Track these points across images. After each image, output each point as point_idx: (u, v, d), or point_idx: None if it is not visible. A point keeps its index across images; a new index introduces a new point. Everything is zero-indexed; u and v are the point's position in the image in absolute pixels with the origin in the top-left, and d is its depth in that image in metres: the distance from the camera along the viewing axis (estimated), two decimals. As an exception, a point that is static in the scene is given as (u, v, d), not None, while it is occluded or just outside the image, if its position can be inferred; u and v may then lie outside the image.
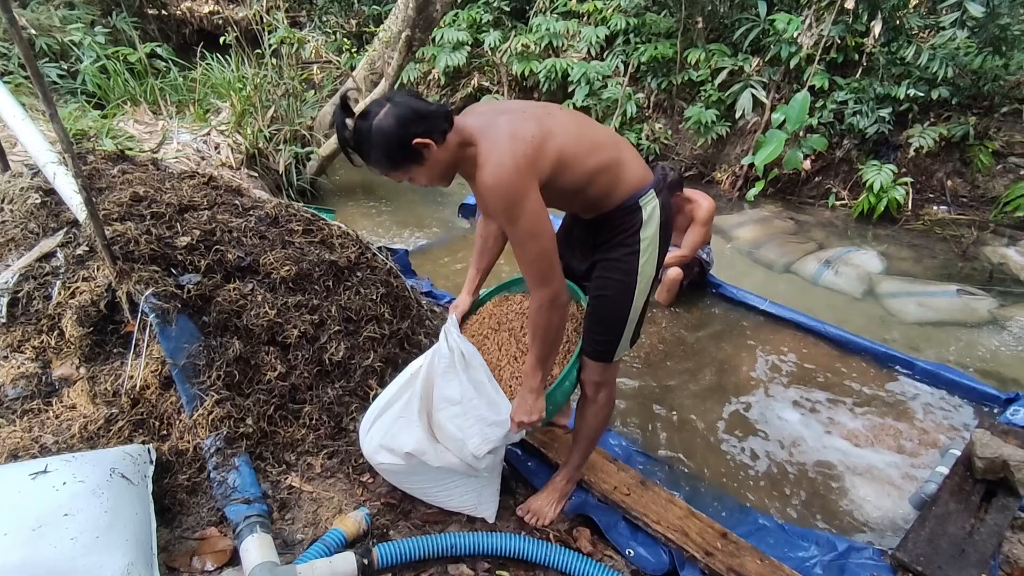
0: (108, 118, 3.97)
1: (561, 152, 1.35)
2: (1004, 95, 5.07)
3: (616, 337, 1.57)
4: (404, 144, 1.27)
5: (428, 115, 1.29)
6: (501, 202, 1.29)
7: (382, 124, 1.26)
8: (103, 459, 1.46)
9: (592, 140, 1.43)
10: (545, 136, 1.34)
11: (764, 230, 4.82)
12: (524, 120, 1.35)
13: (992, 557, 1.71)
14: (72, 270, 1.95)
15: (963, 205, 5.20)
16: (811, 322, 3.11)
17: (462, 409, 1.56)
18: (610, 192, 1.45)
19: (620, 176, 1.45)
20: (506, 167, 1.27)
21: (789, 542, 1.85)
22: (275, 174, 4.45)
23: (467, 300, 1.83)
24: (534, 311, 1.40)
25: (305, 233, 2.32)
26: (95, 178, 2.26)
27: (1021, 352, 3.33)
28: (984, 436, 1.98)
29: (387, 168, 1.34)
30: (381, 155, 1.30)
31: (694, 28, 5.75)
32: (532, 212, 1.30)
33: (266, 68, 4.54)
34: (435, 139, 1.29)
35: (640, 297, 1.54)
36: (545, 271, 1.35)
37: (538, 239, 1.32)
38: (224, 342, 1.87)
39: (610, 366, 1.63)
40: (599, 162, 1.41)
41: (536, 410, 1.48)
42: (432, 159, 1.32)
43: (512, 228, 1.32)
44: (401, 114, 1.26)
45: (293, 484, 1.75)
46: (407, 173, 1.35)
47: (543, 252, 1.33)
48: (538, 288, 1.37)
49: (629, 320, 1.55)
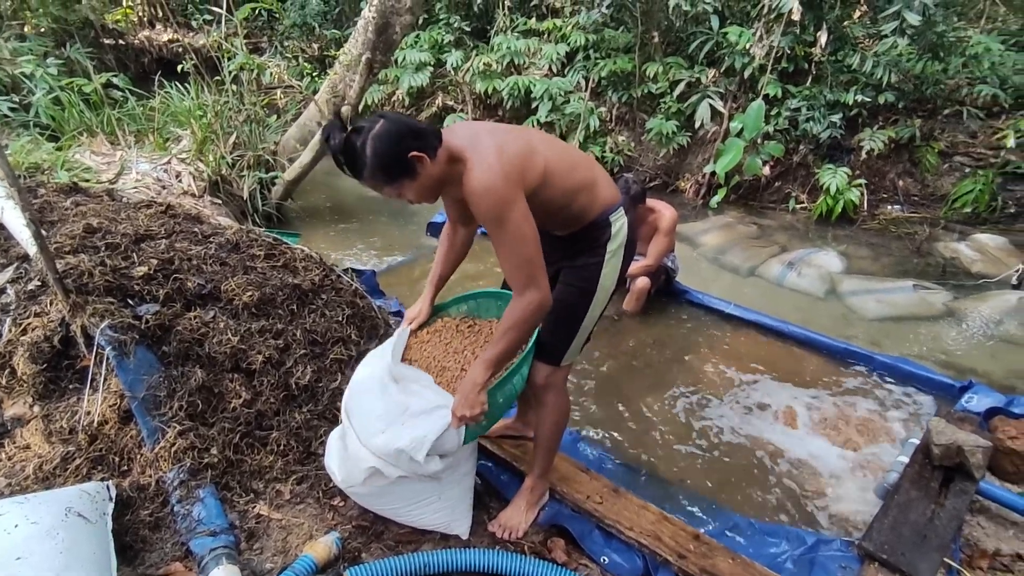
0: (63, 150, 3.89)
1: (546, 167, 1.42)
2: (945, 98, 5.32)
3: (567, 341, 1.63)
4: (400, 158, 1.30)
5: (421, 131, 1.33)
6: (491, 206, 1.32)
7: (378, 138, 1.28)
8: (58, 499, 1.42)
9: (571, 160, 1.52)
10: (531, 150, 1.40)
11: (728, 236, 4.93)
12: (508, 136, 1.41)
13: (953, 540, 1.77)
14: (23, 306, 1.90)
15: (915, 204, 5.41)
16: (774, 322, 3.19)
17: (390, 419, 1.53)
18: (587, 210, 1.54)
19: (595, 195, 1.54)
20: (496, 173, 1.31)
21: (760, 539, 1.87)
22: (239, 200, 4.40)
23: (427, 309, 1.83)
24: (517, 309, 1.40)
25: (267, 258, 2.31)
26: (46, 211, 2.22)
27: (975, 342, 3.46)
28: (940, 424, 2.04)
29: (381, 182, 1.35)
30: (376, 169, 1.31)
31: (651, 43, 5.91)
32: (520, 217, 1.34)
33: (227, 95, 4.52)
34: (428, 154, 1.33)
35: (597, 307, 1.61)
36: (531, 273, 1.37)
37: (525, 244, 1.35)
38: (186, 371, 1.84)
39: (558, 369, 1.67)
40: (578, 180, 1.50)
41: (478, 403, 1.45)
42: (424, 173, 1.34)
43: (500, 233, 1.34)
44: (396, 129, 1.30)
45: (261, 512, 1.71)
46: (398, 188, 1.37)
47: (530, 257, 1.36)
48: (524, 291, 1.39)
49: (583, 327, 1.62)
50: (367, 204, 5.46)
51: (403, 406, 1.52)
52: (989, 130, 5.19)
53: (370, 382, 1.61)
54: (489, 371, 1.45)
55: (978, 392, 2.52)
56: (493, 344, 1.45)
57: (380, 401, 1.55)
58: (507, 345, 1.43)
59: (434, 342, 1.78)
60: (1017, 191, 5.05)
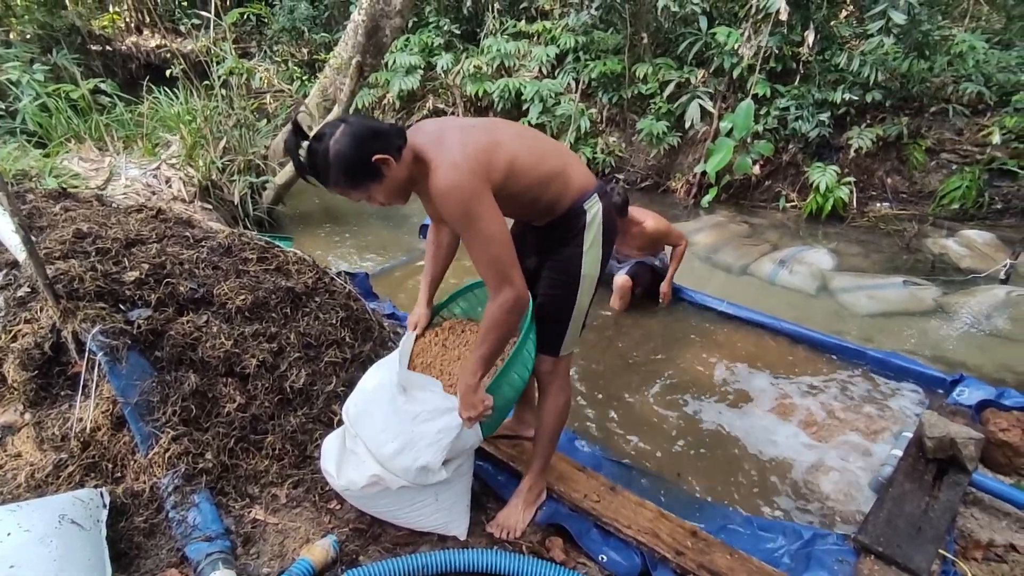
0: (50, 157, 3.86)
1: (512, 160, 1.40)
2: (931, 96, 5.38)
3: (561, 332, 1.63)
4: (364, 162, 1.28)
5: (384, 132, 1.31)
6: (457, 206, 1.30)
7: (340, 144, 1.27)
8: (51, 506, 1.40)
9: (540, 150, 1.49)
10: (495, 144, 1.39)
11: (720, 235, 4.96)
12: (473, 131, 1.39)
13: (947, 532, 1.78)
14: (13, 313, 1.88)
15: (903, 201, 5.47)
16: (767, 320, 3.20)
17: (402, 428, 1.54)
18: (560, 198, 1.52)
19: (568, 183, 1.53)
20: (460, 170, 1.29)
21: (757, 535, 1.88)
22: (230, 205, 4.38)
23: (426, 313, 1.83)
24: (494, 310, 1.39)
25: (260, 261, 2.30)
26: (35, 216, 2.20)
27: (965, 336, 3.50)
28: (932, 417, 2.06)
29: (346, 187, 1.34)
30: (340, 175, 1.30)
31: (640, 44, 5.94)
32: (487, 215, 1.32)
33: (216, 99, 4.50)
34: (392, 155, 1.31)
35: (584, 296, 1.61)
36: (504, 271, 1.36)
37: (495, 241, 1.33)
38: (179, 376, 1.83)
39: (559, 360, 1.68)
40: (548, 170, 1.48)
41: (479, 403, 1.46)
42: (391, 175, 1.33)
43: (469, 231, 1.33)
44: (358, 133, 1.28)
45: (257, 517, 1.70)
46: (365, 192, 1.36)
47: (500, 253, 1.35)
48: (499, 289, 1.38)
49: (574, 317, 1.63)
50: (359, 207, 5.44)
51: (411, 414, 1.54)
52: (975, 127, 5.26)
53: (379, 392, 1.61)
54: (478, 372, 1.45)
55: (969, 385, 2.54)
56: (477, 346, 1.45)
57: (390, 412, 1.55)
58: (491, 346, 1.43)
59: (438, 346, 1.78)
60: (1003, 187, 5.12)
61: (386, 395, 1.59)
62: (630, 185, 6.13)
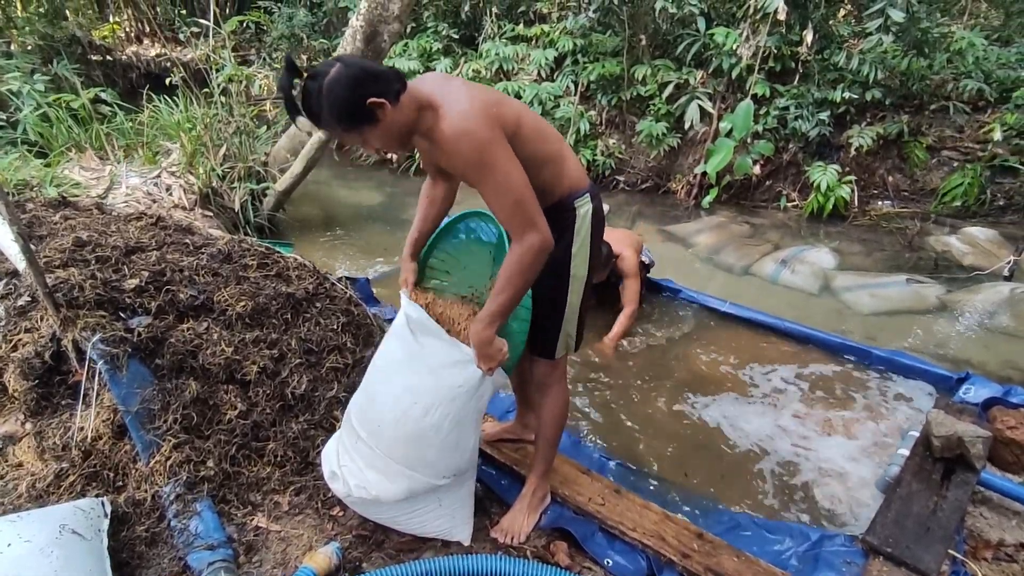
0: (51, 166, 3.87)
1: (519, 119, 1.36)
2: (931, 94, 5.37)
3: (555, 334, 1.61)
4: (358, 104, 1.23)
5: (381, 75, 1.26)
6: (471, 151, 1.25)
7: (334, 84, 1.21)
8: (52, 516, 1.39)
9: (543, 128, 1.47)
10: (502, 100, 1.37)
11: (721, 235, 4.95)
12: (478, 87, 1.37)
13: (956, 532, 1.76)
14: (13, 322, 1.88)
15: (905, 199, 5.45)
16: (770, 320, 3.19)
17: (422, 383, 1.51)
18: (553, 184, 1.47)
19: (562, 171, 1.49)
20: (473, 115, 1.25)
21: (764, 537, 1.86)
22: (231, 212, 4.38)
23: (413, 268, 1.70)
24: (518, 255, 1.31)
25: (260, 267, 2.29)
26: (35, 225, 2.20)
27: (969, 334, 3.48)
28: (939, 416, 2.04)
29: (340, 129, 1.29)
30: (333, 116, 1.25)
31: (639, 45, 5.94)
32: (504, 158, 1.27)
33: (216, 107, 4.50)
34: (389, 99, 1.26)
35: (575, 296, 1.58)
36: (527, 215, 1.30)
37: (515, 185, 1.28)
38: (180, 384, 1.82)
39: (555, 363, 1.67)
40: (547, 151, 1.44)
41: (497, 352, 1.41)
42: (387, 120, 1.28)
43: (485, 178, 1.28)
44: (354, 74, 1.23)
45: (260, 525, 1.69)
46: (360, 135, 1.30)
47: (521, 196, 1.29)
48: (523, 233, 1.30)
49: (565, 318, 1.60)
50: (360, 213, 5.45)
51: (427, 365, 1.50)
52: (975, 124, 5.24)
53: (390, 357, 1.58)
54: (496, 323, 1.38)
55: (975, 383, 2.53)
56: (496, 294, 1.35)
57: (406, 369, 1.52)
58: (512, 294, 1.35)
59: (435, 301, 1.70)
60: (1005, 184, 5.10)
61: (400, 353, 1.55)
62: (631, 187, 6.12)
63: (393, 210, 5.57)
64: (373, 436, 1.57)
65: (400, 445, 1.53)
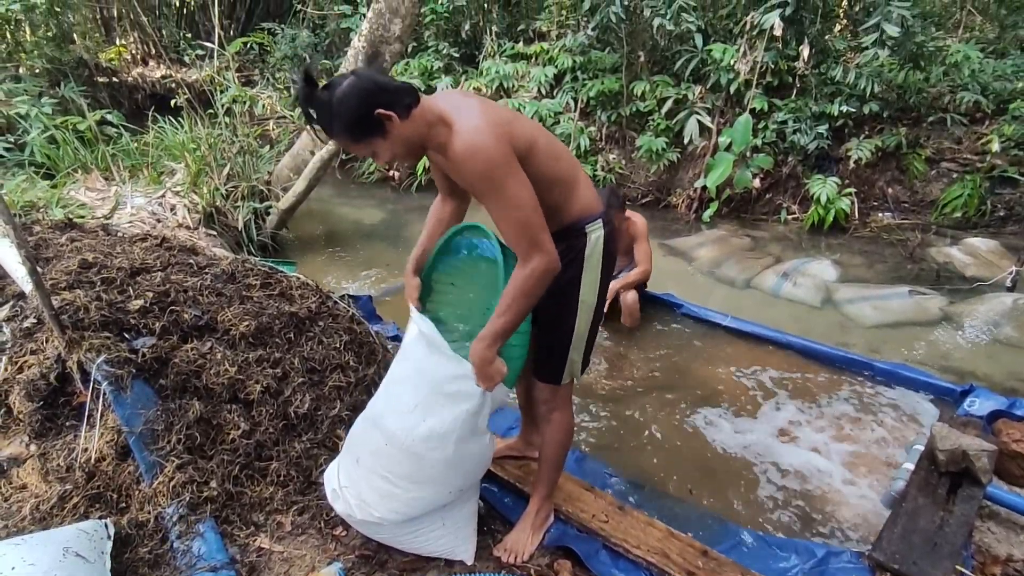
0: (58, 188, 3.92)
1: (532, 139, 1.37)
2: (928, 106, 5.41)
3: (561, 361, 1.59)
4: (366, 116, 1.26)
5: (391, 88, 1.29)
6: (482, 167, 1.26)
7: (345, 95, 1.24)
8: (55, 539, 1.40)
9: (557, 149, 1.47)
10: (516, 118, 1.38)
11: (722, 249, 4.96)
12: (494, 105, 1.39)
13: (964, 547, 1.74)
14: (19, 344, 1.89)
15: (905, 210, 5.46)
16: (772, 333, 3.19)
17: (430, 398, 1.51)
18: (562, 206, 1.46)
19: (574, 194, 1.48)
20: (485, 132, 1.26)
21: (769, 553, 1.85)
22: (234, 231, 4.42)
23: (417, 284, 1.68)
24: (523, 277, 1.31)
25: (263, 287, 2.31)
26: (42, 248, 2.22)
27: (973, 345, 3.47)
28: (943, 429, 2.03)
29: (349, 140, 1.31)
30: (343, 126, 1.28)
31: (637, 62, 6.01)
32: (514, 178, 1.28)
33: (220, 127, 4.56)
34: (398, 112, 1.28)
35: (583, 323, 1.56)
36: (534, 237, 1.30)
37: (523, 205, 1.28)
38: (183, 404, 1.83)
39: (560, 388, 1.65)
40: (560, 172, 1.44)
41: (496, 372, 1.40)
42: (395, 132, 1.30)
43: (493, 196, 1.28)
44: (365, 86, 1.26)
45: (263, 546, 1.69)
46: (370, 147, 1.33)
47: (529, 218, 1.29)
48: (528, 256, 1.31)
49: (573, 345, 1.57)
50: (363, 231, 5.48)
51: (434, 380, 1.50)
52: (973, 135, 5.27)
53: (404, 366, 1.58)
54: (497, 344, 1.38)
55: (980, 396, 2.51)
56: (498, 315, 1.35)
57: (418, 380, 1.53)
58: (515, 315, 1.35)
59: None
60: (1005, 194, 5.11)
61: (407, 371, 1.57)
62: (631, 202, 6.15)
63: (395, 227, 5.61)
64: (375, 455, 1.57)
65: (404, 462, 1.53)
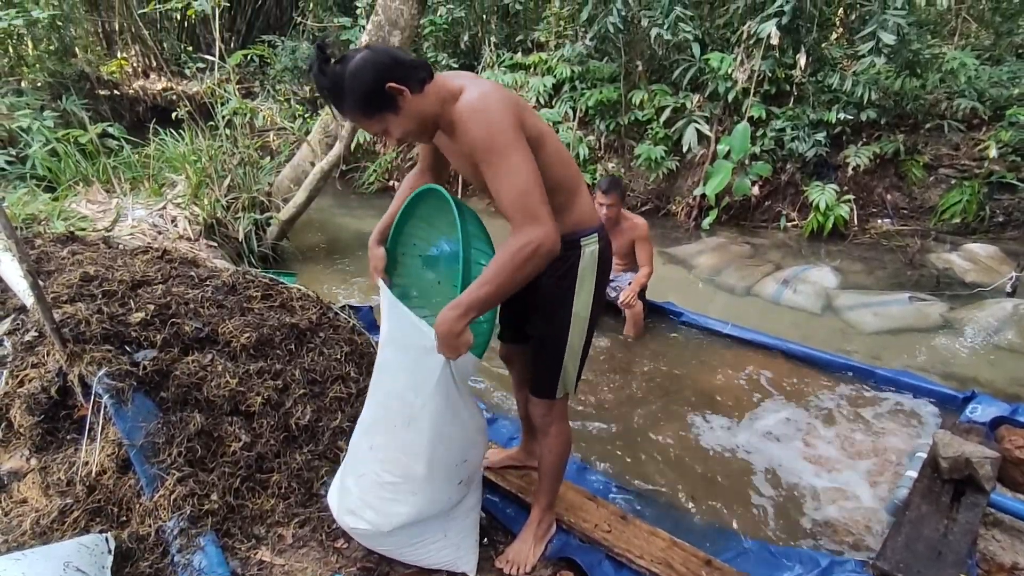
0: (59, 200, 3.93)
1: (541, 135, 1.35)
2: (926, 112, 5.43)
3: (555, 374, 1.58)
4: (377, 90, 1.23)
5: (405, 63, 1.26)
6: (482, 130, 1.22)
7: (358, 68, 1.22)
8: (55, 553, 1.39)
9: (567, 155, 1.46)
10: (530, 110, 1.36)
11: (722, 256, 4.96)
12: (511, 91, 1.38)
13: (969, 555, 1.74)
14: (20, 357, 1.89)
15: (904, 216, 5.47)
16: (773, 341, 3.18)
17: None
18: (561, 214, 1.42)
19: (573, 204, 1.46)
20: (494, 97, 1.24)
21: (773, 563, 1.84)
22: (235, 242, 4.42)
23: (380, 254, 1.64)
24: (514, 250, 1.20)
25: (264, 298, 2.31)
26: (43, 261, 2.23)
27: (974, 351, 3.46)
28: (945, 436, 2.03)
29: (360, 115, 1.28)
30: (354, 100, 1.25)
31: (635, 72, 6.05)
32: (517, 147, 1.23)
33: (220, 139, 4.59)
34: (411, 87, 1.26)
35: (576, 336, 1.54)
36: (531, 207, 1.21)
37: (524, 173, 1.22)
38: (184, 417, 1.82)
39: (555, 402, 1.64)
40: (563, 177, 1.42)
41: (462, 344, 1.28)
42: (407, 108, 1.27)
43: (494, 161, 1.23)
44: (377, 60, 1.23)
45: (264, 559, 1.68)
46: (382, 123, 1.30)
47: (528, 186, 1.22)
48: (527, 227, 1.21)
49: (565, 360, 1.56)
50: (363, 241, 5.46)
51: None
52: (971, 142, 5.30)
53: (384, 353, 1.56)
54: (468, 316, 1.25)
55: (982, 402, 2.51)
56: (479, 285, 1.24)
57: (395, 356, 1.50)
58: (496, 289, 1.23)
59: None
60: (1004, 200, 5.13)
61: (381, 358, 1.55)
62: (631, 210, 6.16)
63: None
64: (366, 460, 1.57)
65: (398, 455, 1.50)
